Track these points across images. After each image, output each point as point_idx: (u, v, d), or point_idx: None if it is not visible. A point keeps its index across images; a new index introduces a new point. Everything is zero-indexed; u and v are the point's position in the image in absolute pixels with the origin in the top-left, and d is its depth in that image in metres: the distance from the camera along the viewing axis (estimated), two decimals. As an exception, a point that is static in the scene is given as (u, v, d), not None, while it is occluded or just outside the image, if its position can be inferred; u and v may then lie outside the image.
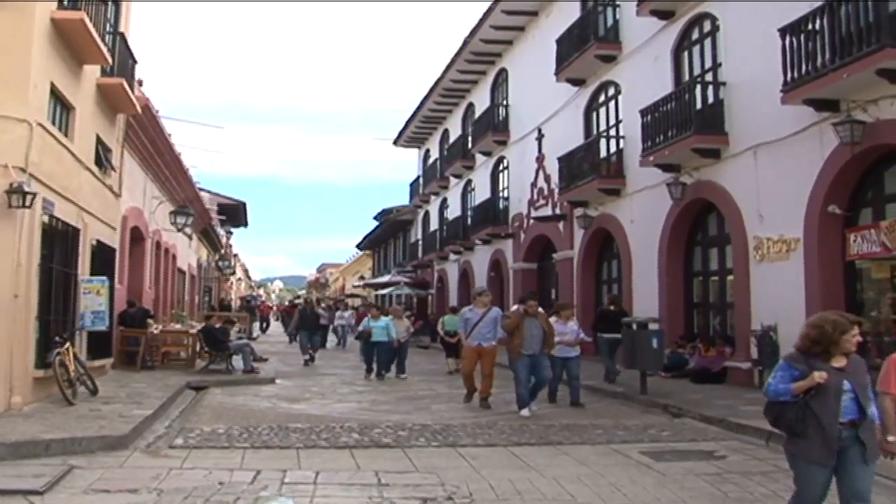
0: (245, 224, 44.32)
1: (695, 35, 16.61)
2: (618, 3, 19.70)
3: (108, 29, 13.96)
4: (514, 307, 13.65)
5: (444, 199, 36.97)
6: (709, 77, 15.99)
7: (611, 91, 20.54)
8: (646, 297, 17.85)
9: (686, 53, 16.90)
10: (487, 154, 29.84)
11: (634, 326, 13.69)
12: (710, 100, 15.48)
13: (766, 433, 8.26)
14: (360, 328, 17.69)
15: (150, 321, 17.51)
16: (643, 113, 16.85)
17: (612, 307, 16.18)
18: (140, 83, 17.09)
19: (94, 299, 13.23)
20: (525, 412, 11.41)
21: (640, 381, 13.11)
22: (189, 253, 30.05)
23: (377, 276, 50.88)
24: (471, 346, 12.54)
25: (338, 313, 30.00)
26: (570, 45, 20.97)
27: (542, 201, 24.61)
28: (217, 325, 17.83)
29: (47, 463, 7.63)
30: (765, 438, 8.56)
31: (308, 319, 21.20)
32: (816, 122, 12.43)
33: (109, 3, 14.10)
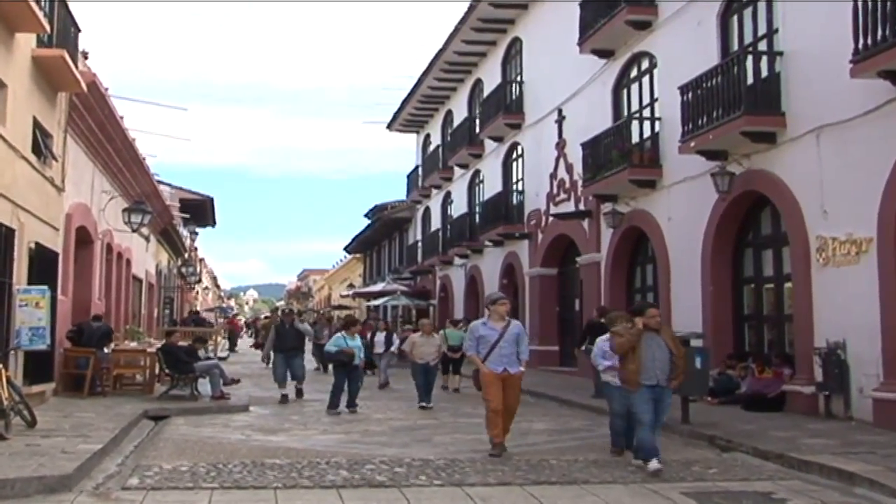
0: (212, 223, 44.38)
1: (745, -4, 16.53)
2: (653, -41, 19.64)
3: (45, -10, 13.88)
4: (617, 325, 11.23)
5: (448, 194, 36.96)
6: (762, 46, 15.89)
7: (644, 64, 20.46)
8: (687, 308, 17.75)
9: (735, 18, 16.82)
10: (498, 140, 29.79)
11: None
12: (764, 73, 15.38)
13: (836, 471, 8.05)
14: (334, 347, 16.26)
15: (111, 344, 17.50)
16: (683, 90, 16.76)
17: (602, 319, 16.89)
18: (85, 55, 17.02)
19: (32, 313, 13.16)
20: (654, 464, 9.48)
21: (682, 408, 13.00)
22: (146, 258, 30.01)
23: (369, 284, 50.90)
24: (494, 373, 10.85)
25: (326, 331, 28.97)
26: (597, 10, 20.92)
27: (563, 195, 24.53)
28: (180, 343, 17.71)
29: (-26, 509, 7.53)
30: None
31: (286, 338, 18.02)
32: (894, 98, 12.28)
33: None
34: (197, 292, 66.02)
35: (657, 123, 19.48)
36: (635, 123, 20.31)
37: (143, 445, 11.61)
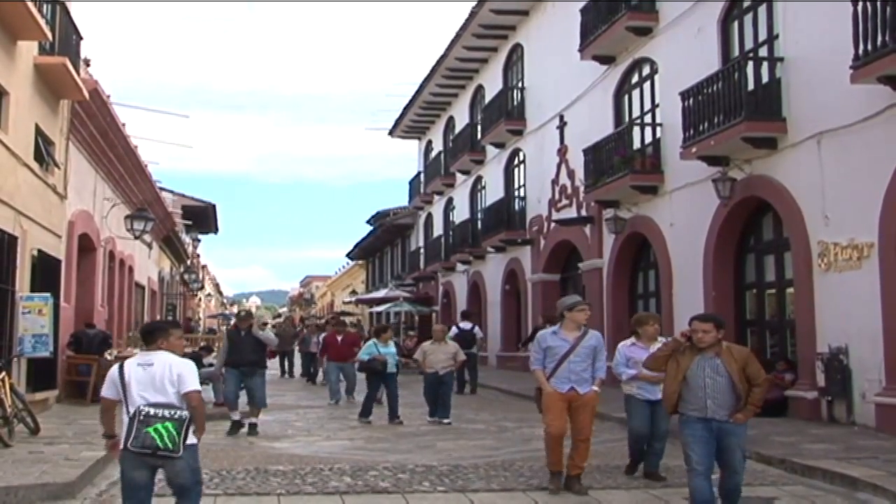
0: (215, 230, 44.38)
1: (747, 1, 16.53)
2: (653, -35, 19.66)
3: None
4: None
5: (450, 200, 36.95)
6: (763, 52, 15.89)
7: (645, 70, 20.46)
8: (689, 313, 17.43)
9: (736, 24, 16.81)
10: (500, 146, 29.78)
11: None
12: (765, 79, 15.39)
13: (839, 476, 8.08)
14: (366, 356, 15.60)
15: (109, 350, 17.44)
16: (684, 96, 16.76)
17: (548, 325, 17.87)
18: (87, 63, 17.07)
19: (35, 320, 13.18)
20: None
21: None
22: (149, 265, 30.04)
23: (371, 291, 50.86)
24: (559, 392, 9.05)
25: (315, 339, 25.91)
26: (598, 16, 20.91)
27: (564, 201, 24.52)
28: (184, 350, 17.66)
29: (-23, 516, 7.54)
30: None
31: (242, 349, 13.65)
32: (894, 103, 12.27)
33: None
34: (199, 299, 66.03)
35: (658, 129, 19.45)
36: (636, 129, 20.28)
37: (147, 452, 11.60)
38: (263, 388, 13.92)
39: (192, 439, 5.97)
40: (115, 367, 6.18)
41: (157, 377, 5.99)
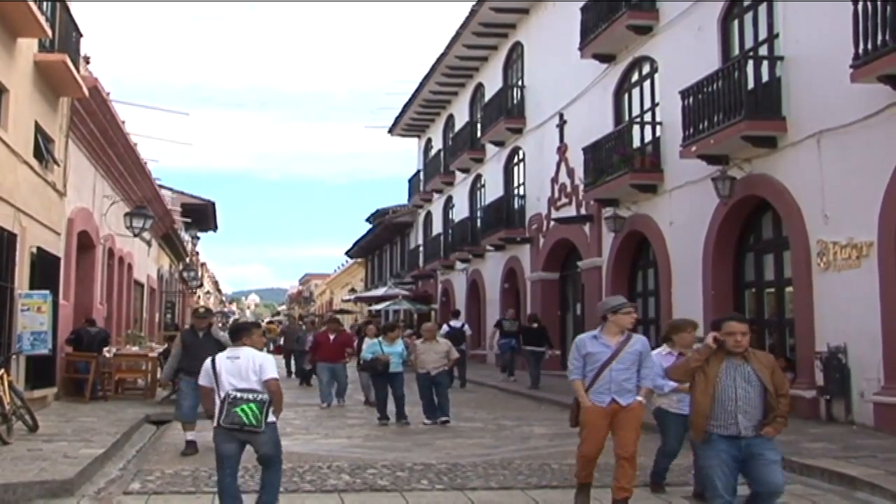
0: (214, 228, 44.32)
1: (747, 0, 16.52)
2: (653, -37, 19.65)
3: (47, -6, 13.91)
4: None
5: (449, 198, 36.95)
6: (763, 51, 15.90)
7: (645, 69, 20.46)
8: (688, 312, 17.60)
9: (736, 22, 16.82)
10: (500, 144, 29.78)
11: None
12: (765, 78, 15.39)
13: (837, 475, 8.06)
14: (369, 354, 15.13)
15: (107, 347, 17.46)
16: (684, 94, 16.76)
17: (534, 325, 21.53)
18: (87, 60, 17.06)
19: (34, 317, 13.17)
20: None
21: (684, 413, 12.90)
22: (148, 262, 30.02)
23: (371, 289, 50.89)
24: (598, 406, 7.92)
25: (310, 337, 24.33)
26: (598, 14, 20.91)
27: (564, 200, 24.52)
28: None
29: (-24, 513, 7.55)
30: None
31: (200, 353, 9.64)
32: (894, 103, 12.28)
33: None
34: (198, 297, 66.03)
35: (658, 128, 19.46)
36: (636, 128, 20.29)
37: (145, 450, 11.60)
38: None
39: (271, 418, 7.15)
40: (209, 360, 7.39)
41: (242, 367, 7.18)
